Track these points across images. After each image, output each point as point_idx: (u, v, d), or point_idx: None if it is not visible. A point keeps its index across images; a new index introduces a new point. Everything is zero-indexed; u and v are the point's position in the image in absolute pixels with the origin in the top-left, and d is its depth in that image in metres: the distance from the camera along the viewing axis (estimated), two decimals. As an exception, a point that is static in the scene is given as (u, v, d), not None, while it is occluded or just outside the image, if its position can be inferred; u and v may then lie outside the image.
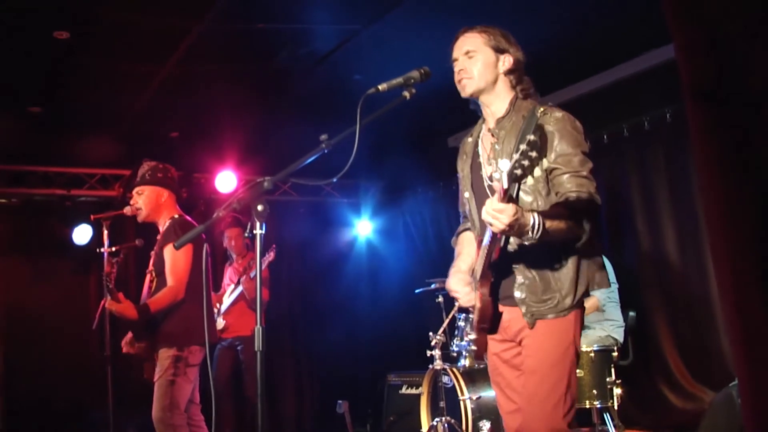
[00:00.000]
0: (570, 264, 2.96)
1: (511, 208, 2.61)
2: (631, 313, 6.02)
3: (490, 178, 2.93)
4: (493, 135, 3.09)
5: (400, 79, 2.89)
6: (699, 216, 6.15)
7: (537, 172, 2.62)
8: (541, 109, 2.87)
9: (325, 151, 2.70)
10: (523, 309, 2.97)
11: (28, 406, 7.60)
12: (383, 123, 2.86)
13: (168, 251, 4.84)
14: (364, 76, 6.44)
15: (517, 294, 2.98)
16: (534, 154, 2.48)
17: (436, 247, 9.08)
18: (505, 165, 2.51)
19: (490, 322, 3.05)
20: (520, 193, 2.92)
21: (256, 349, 2.57)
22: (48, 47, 5.56)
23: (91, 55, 5.78)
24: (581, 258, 2.99)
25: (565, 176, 2.90)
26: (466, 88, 3.12)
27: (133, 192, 5.12)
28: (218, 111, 7.27)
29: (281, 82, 6.64)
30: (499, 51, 3.09)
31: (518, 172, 2.50)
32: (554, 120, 2.94)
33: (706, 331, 6.18)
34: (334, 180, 2.74)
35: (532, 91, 3.14)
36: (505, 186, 2.54)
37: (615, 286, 5.97)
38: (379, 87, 2.84)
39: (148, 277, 5.02)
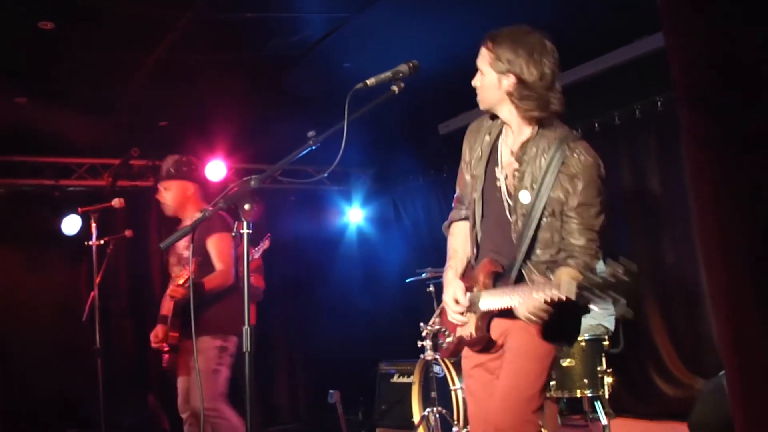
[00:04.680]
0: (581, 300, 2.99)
1: (549, 309, 2.69)
2: (622, 301, 6.00)
3: (509, 194, 3.01)
4: (516, 159, 3.02)
5: (388, 73, 2.85)
6: (690, 204, 6.13)
7: (556, 210, 2.86)
8: (569, 145, 2.87)
9: (313, 148, 2.67)
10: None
11: (19, 397, 7.57)
12: (373, 111, 2.82)
13: (212, 241, 4.91)
14: (354, 63, 6.39)
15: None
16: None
17: (428, 234, 9.05)
18: (573, 288, 2.53)
19: (483, 346, 3.09)
20: (539, 231, 2.94)
21: (244, 349, 2.55)
22: (33, 38, 5.50)
23: (78, 45, 5.72)
24: None
25: (578, 228, 2.90)
26: (480, 105, 3.11)
27: (160, 187, 5.11)
28: (207, 100, 7.22)
29: (270, 70, 6.59)
30: (501, 72, 2.95)
31: (586, 294, 2.53)
32: (583, 165, 2.89)
33: (697, 319, 6.19)
34: (325, 176, 2.72)
35: (536, 114, 2.96)
36: (571, 296, 2.55)
37: (606, 275, 5.97)
38: (368, 82, 2.79)
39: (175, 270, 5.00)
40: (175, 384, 5.08)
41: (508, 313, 2.96)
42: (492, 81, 2.98)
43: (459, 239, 3.30)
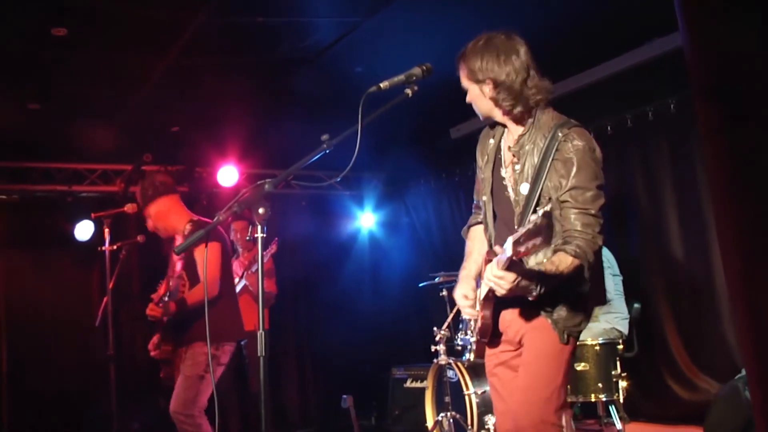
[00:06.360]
0: (586, 288, 3.00)
1: (510, 276, 2.71)
2: (636, 305, 6.00)
3: (512, 191, 3.04)
4: (514, 154, 3.07)
5: (402, 77, 2.86)
6: (703, 206, 6.12)
7: (553, 197, 2.83)
8: (563, 132, 2.90)
9: (327, 151, 2.68)
10: (557, 328, 2.98)
11: (32, 402, 7.59)
12: (386, 115, 2.83)
13: (198, 252, 4.83)
14: (366, 68, 6.40)
15: (548, 317, 2.98)
16: (537, 239, 2.46)
17: (440, 239, 9.06)
18: (510, 239, 2.55)
19: (489, 338, 3.10)
20: None
21: (258, 354, 2.54)
22: (46, 45, 5.51)
23: (90, 50, 5.74)
24: (591, 281, 3.00)
25: (573, 212, 2.88)
26: (480, 116, 3.20)
27: (145, 215, 5.05)
28: (219, 105, 7.23)
29: (282, 74, 6.60)
30: (479, 82, 3.05)
31: (521, 248, 2.51)
32: (575, 149, 2.90)
33: (711, 323, 6.15)
34: (338, 180, 2.71)
35: (517, 110, 3.02)
36: (509, 254, 2.57)
37: (619, 279, 5.95)
38: (381, 85, 2.81)
39: (171, 283, 4.95)
40: None
41: (520, 309, 3.00)
42: (476, 93, 3.10)
43: (475, 242, 3.36)
